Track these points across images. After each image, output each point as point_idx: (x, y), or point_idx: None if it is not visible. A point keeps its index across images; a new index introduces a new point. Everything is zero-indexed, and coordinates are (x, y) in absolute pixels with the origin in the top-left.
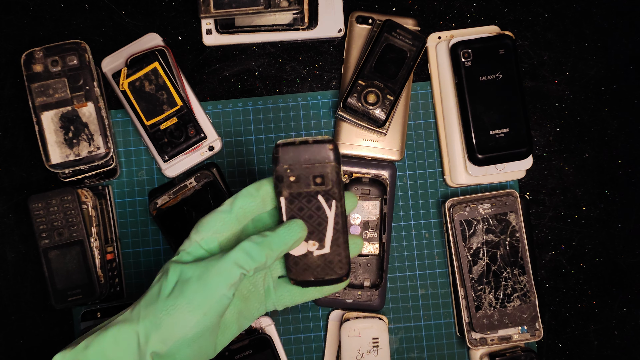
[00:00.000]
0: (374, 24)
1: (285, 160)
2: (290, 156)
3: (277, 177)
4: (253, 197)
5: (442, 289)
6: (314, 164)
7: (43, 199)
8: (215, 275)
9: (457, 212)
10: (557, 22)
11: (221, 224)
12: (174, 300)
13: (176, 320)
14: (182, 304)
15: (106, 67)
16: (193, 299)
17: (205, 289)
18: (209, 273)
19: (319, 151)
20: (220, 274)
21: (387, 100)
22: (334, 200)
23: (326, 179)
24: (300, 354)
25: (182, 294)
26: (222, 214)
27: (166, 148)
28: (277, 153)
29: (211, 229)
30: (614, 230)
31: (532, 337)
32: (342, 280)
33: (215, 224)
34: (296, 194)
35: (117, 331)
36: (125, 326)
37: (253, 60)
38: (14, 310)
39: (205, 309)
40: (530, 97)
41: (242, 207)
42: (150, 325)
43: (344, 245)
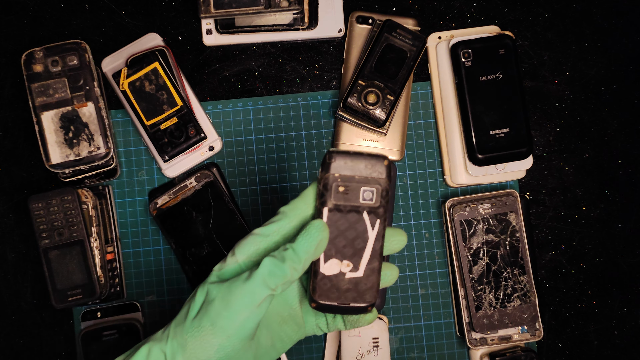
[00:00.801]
0: (374, 24)
1: (338, 168)
2: (343, 165)
3: (325, 185)
4: (289, 220)
5: (442, 289)
6: (367, 178)
7: (43, 199)
8: (239, 296)
9: (457, 212)
10: (557, 22)
11: (255, 247)
12: (199, 322)
13: (200, 343)
14: (206, 325)
15: (106, 67)
16: (216, 320)
17: (229, 310)
18: (232, 294)
19: (373, 165)
20: (243, 294)
21: (387, 100)
22: (378, 220)
23: (376, 196)
24: (300, 354)
25: (207, 315)
26: (258, 237)
27: (166, 148)
28: (330, 159)
29: (246, 252)
30: (614, 230)
31: (532, 337)
32: (368, 310)
33: (250, 248)
34: (342, 207)
35: (147, 350)
36: (155, 346)
37: (253, 60)
38: (14, 310)
39: (229, 331)
40: (530, 97)
41: (278, 232)
42: (177, 346)
43: (377, 271)
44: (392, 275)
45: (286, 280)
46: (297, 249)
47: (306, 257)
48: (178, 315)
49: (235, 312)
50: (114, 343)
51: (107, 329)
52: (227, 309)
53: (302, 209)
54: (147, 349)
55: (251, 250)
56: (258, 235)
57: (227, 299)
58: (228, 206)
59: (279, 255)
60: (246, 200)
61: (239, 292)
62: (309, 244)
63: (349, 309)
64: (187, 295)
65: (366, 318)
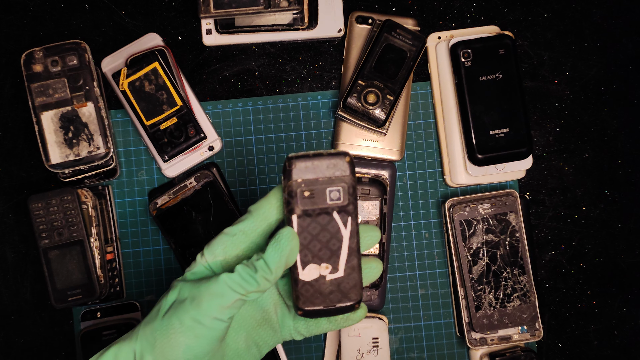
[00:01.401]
0: (374, 24)
1: (299, 173)
2: (304, 169)
3: (290, 193)
4: (254, 219)
5: (442, 289)
6: (330, 178)
7: (43, 199)
8: (208, 297)
9: (457, 212)
10: (557, 22)
11: (222, 247)
12: (168, 320)
13: (169, 342)
14: (175, 324)
15: (106, 67)
16: (185, 320)
17: (198, 310)
18: (201, 294)
19: (335, 164)
20: (213, 296)
21: (387, 100)
22: (349, 218)
23: (343, 194)
24: (300, 354)
25: (176, 314)
26: (225, 236)
27: (166, 148)
28: (290, 166)
29: (212, 252)
30: (614, 230)
31: (532, 337)
32: (355, 307)
33: (217, 248)
34: (310, 211)
35: (117, 350)
36: (124, 345)
37: (253, 60)
38: (14, 310)
39: (197, 331)
40: (530, 97)
41: (243, 231)
42: (146, 344)
43: (358, 268)
44: (376, 269)
45: (258, 289)
46: (268, 259)
47: (276, 267)
48: (150, 313)
49: (204, 312)
50: None
51: (107, 329)
52: (197, 309)
53: (266, 209)
54: (116, 348)
55: (218, 250)
56: (225, 235)
57: (198, 300)
58: (228, 206)
59: (250, 264)
60: (246, 200)
61: (209, 294)
62: (279, 255)
63: (336, 310)
64: None
65: (356, 315)
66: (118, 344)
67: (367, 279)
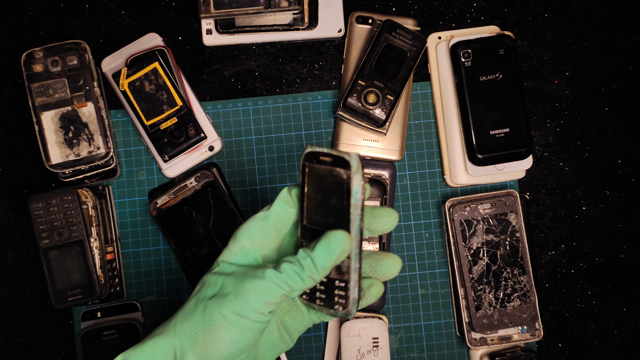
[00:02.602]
0: (374, 24)
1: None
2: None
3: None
4: (289, 203)
5: (442, 289)
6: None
7: (43, 199)
8: (255, 293)
9: (457, 212)
10: (557, 22)
11: (259, 232)
12: (210, 315)
13: (212, 336)
14: (219, 319)
15: (106, 67)
16: (229, 315)
17: (244, 306)
18: (247, 290)
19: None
20: (258, 292)
21: (387, 100)
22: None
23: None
24: (300, 354)
25: (218, 309)
26: (260, 220)
27: (166, 148)
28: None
29: (249, 237)
30: (614, 230)
31: (532, 337)
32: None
33: (254, 232)
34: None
35: (154, 344)
36: (162, 339)
37: (253, 60)
38: (14, 310)
39: (243, 325)
40: (530, 97)
41: (280, 214)
42: (186, 340)
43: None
44: (393, 267)
45: (303, 287)
46: (316, 259)
47: (324, 267)
48: (184, 307)
49: (250, 307)
50: (114, 343)
51: (107, 329)
52: (242, 305)
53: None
54: (153, 342)
55: (255, 234)
56: (260, 219)
57: (243, 295)
58: (228, 206)
59: (297, 262)
60: (246, 200)
61: (254, 289)
62: (328, 257)
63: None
64: (187, 295)
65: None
66: (154, 338)
67: (386, 276)
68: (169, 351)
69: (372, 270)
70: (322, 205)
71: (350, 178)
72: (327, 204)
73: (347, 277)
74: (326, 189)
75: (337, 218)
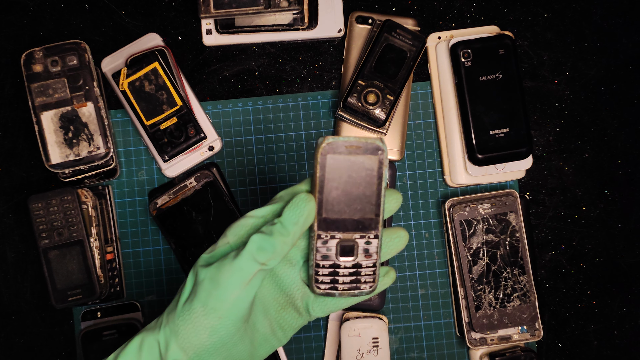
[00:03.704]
0: (374, 24)
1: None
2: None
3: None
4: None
5: (442, 289)
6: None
7: (43, 199)
8: (228, 274)
9: (457, 212)
10: (557, 22)
11: (247, 229)
12: (189, 305)
13: (193, 326)
14: (197, 307)
15: (106, 67)
16: (207, 301)
17: (218, 289)
18: (221, 273)
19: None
20: (233, 272)
21: (387, 100)
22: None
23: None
24: (300, 354)
25: (197, 297)
26: (251, 219)
27: (166, 148)
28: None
29: (237, 233)
30: (614, 230)
31: (532, 337)
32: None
33: (242, 229)
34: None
35: (140, 340)
36: (147, 335)
37: (253, 60)
38: (14, 310)
39: (220, 312)
40: (530, 97)
41: (272, 213)
42: (169, 332)
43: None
44: (402, 238)
45: (275, 253)
46: (285, 221)
47: (294, 229)
48: (171, 303)
49: (225, 290)
50: (114, 343)
51: (107, 329)
52: (217, 288)
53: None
54: (139, 339)
55: (243, 232)
56: (251, 217)
57: (217, 279)
58: (228, 206)
59: (267, 230)
60: (246, 200)
61: (228, 270)
62: (296, 216)
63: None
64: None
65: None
66: (141, 334)
67: (397, 248)
68: (154, 346)
69: (385, 246)
70: (347, 194)
71: (381, 163)
72: (353, 192)
73: (375, 257)
74: (353, 177)
75: (365, 203)
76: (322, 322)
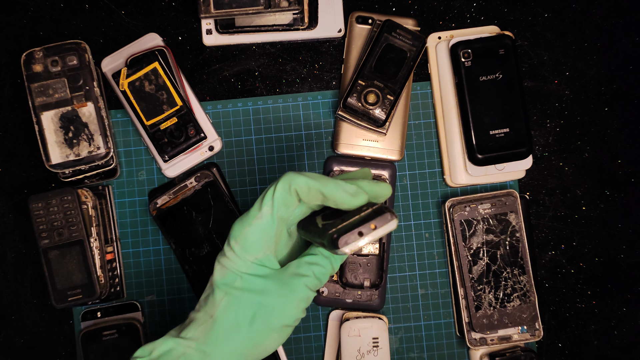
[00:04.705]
0: (374, 24)
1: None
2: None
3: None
4: (289, 203)
5: (442, 289)
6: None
7: (43, 199)
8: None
9: (457, 212)
10: (557, 22)
11: (269, 239)
12: (260, 332)
13: (263, 348)
14: (271, 334)
15: (106, 67)
16: (280, 329)
17: (291, 318)
18: (290, 303)
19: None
20: (300, 301)
21: (387, 100)
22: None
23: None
24: (300, 354)
25: (269, 326)
26: (266, 227)
27: (166, 148)
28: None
29: (261, 246)
30: (614, 230)
31: (532, 337)
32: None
33: (264, 241)
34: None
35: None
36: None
37: (253, 60)
38: (14, 310)
39: (289, 332)
40: (530, 97)
41: (281, 216)
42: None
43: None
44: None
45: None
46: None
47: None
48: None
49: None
50: (114, 343)
51: (107, 329)
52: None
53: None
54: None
55: (264, 242)
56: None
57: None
58: (228, 206)
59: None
60: (246, 200)
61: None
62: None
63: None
64: (187, 295)
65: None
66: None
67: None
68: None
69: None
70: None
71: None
72: None
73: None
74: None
75: None
76: (322, 322)
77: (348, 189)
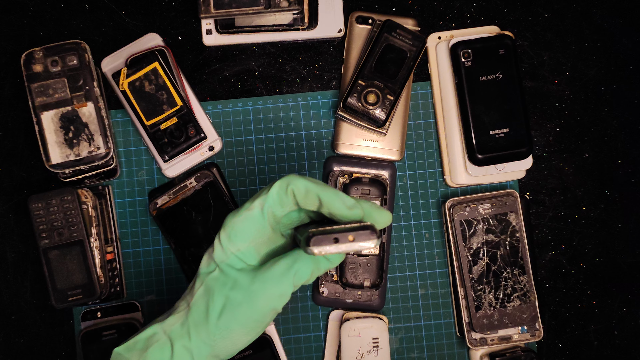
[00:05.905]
0: (374, 24)
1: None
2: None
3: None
4: (284, 202)
5: (442, 289)
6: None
7: (43, 199)
8: (267, 300)
9: (457, 212)
10: (557, 22)
11: (255, 232)
12: (227, 324)
13: (231, 341)
14: (236, 328)
15: (106, 67)
16: (247, 323)
17: (260, 315)
18: (259, 299)
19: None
20: (272, 299)
21: (387, 100)
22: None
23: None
24: (300, 354)
25: (236, 320)
26: (254, 219)
27: (166, 148)
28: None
29: (246, 238)
30: (614, 230)
31: (532, 337)
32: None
33: (250, 233)
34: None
35: (169, 348)
36: (177, 343)
37: (253, 60)
38: (14, 310)
39: (259, 329)
40: (530, 97)
41: (274, 213)
42: (203, 345)
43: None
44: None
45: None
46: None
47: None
48: (192, 311)
49: (265, 314)
50: (114, 343)
51: (107, 329)
52: (259, 314)
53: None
54: (168, 346)
55: (252, 235)
56: (253, 218)
57: (256, 305)
58: (228, 206)
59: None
60: (246, 200)
61: (266, 297)
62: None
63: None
64: None
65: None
66: (164, 340)
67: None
68: (185, 355)
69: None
70: None
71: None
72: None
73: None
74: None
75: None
76: (322, 322)
77: (346, 200)
